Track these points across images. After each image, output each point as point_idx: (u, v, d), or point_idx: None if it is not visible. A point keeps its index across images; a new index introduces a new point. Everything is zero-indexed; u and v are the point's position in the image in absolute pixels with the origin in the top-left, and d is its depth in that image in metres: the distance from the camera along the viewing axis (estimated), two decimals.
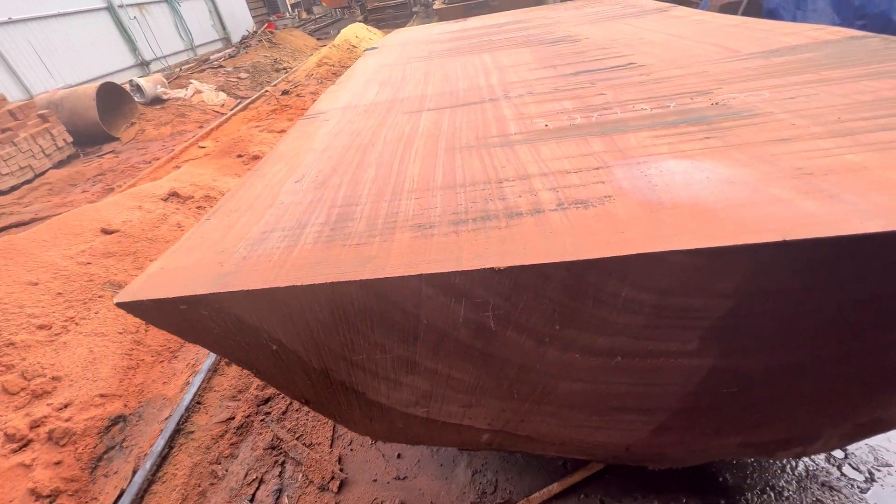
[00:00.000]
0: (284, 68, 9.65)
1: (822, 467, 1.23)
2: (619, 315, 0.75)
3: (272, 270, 0.78)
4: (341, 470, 1.52)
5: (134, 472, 1.60)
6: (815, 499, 1.17)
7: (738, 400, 0.92)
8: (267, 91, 7.39)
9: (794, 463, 1.25)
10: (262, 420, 1.74)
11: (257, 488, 1.49)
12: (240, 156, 4.16)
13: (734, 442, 1.05)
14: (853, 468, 1.22)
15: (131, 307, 0.79)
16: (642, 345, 0.80)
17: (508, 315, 0.76)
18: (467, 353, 0.84)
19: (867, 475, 1.20)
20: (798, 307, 0.73)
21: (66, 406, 1.68)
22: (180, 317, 0.80)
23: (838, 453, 1.27)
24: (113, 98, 7.10)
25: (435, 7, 8.34)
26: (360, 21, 17.71)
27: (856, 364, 0.82)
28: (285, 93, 7.28)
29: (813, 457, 1.27)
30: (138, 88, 7.24)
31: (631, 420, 0.98)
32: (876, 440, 1.28)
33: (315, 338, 0.83)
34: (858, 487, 1.18)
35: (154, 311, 0.80)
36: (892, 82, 1.10)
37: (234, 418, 1.76)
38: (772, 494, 1.21)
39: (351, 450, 1.60)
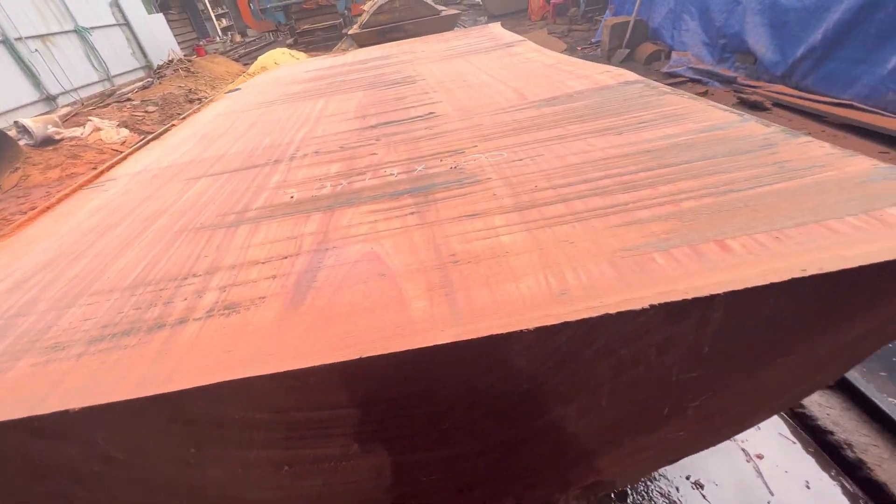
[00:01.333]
0: (199, 99, 9.29)
1: None
2: (250, 432, 0.70)
3: None
4: None
5: None
6: None
7: (449, 484, 0.90)
8: (173, 125, 7.05)
9: None
10: None
11: None
12: None
13: None
14: None
15: None
16: (300, 454, 0.76)
17: (130, 445, 0.70)
18: (119, 481, 0.77)
19: None
20: (429, 408, 0.71)
21: None
22: None
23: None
24: None
25: (350, 33, 8.31)
26: (289, 44, 17.41)
27: (528, 448, 0.82)
28: None
29: None
30: (25, 130, 6.70)
31: None
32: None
33: None
34: None
35: None
36: (610, 140, 1.14)
37: None
38: None
39: None
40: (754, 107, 4.27)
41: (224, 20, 34.04)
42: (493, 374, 0.67)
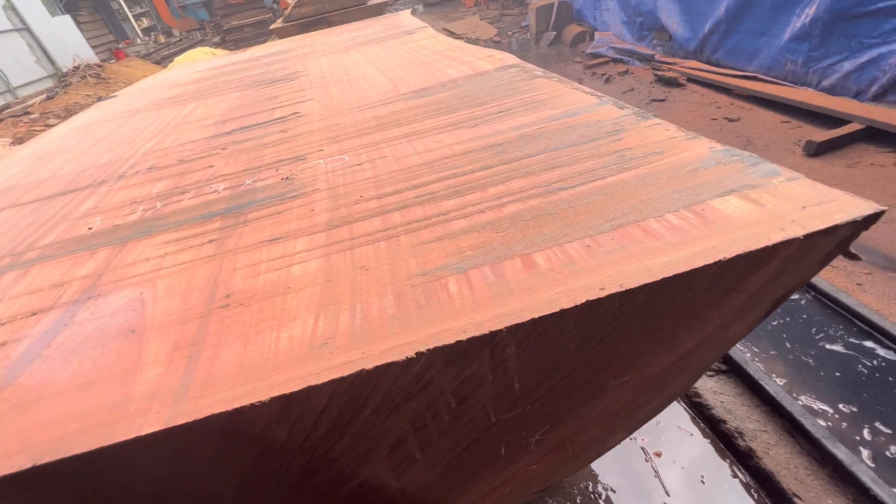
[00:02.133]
0: None
1: None
2: None
3: None
4: None
5: None
6: None
7: None
8: None
9: None
10: None
11: None
12: None
13: None
14: None
15: None
16: None
17: None
18: None
19: None
20: (184, 500, 0.57)
21: None
22: None
23: None
24: None
25: (272, 28, 7.82)
26: (216, 42, 16.38)
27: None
28: None
29: None
30: None
31: None
32: None
33: None
34: None
35: None
36: (462, 134, 1.02)
37: None
38: None
39: None
40: (670, 83, 4.34)
41: (145, 20, 31.62)
42: (252, 450, 0.53)
